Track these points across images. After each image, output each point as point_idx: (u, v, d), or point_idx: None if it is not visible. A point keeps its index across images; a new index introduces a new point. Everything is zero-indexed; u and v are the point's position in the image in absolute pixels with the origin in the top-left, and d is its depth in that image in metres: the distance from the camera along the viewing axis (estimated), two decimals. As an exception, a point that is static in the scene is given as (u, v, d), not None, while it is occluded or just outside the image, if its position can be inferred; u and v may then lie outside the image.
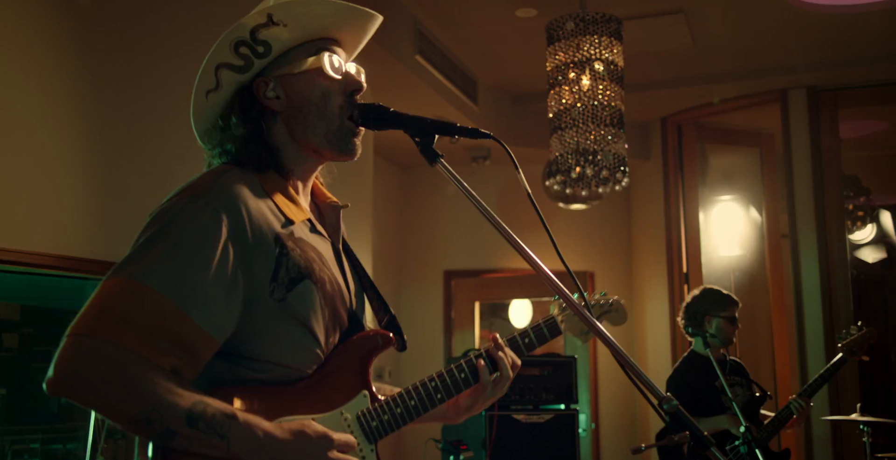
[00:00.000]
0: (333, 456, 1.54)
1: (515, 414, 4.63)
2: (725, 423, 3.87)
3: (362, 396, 1.69)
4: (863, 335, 4.15)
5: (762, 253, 7.64)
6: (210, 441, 1.44)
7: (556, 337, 2.01)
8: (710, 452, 1.30)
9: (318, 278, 1.65)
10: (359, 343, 1.72)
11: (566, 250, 6.35)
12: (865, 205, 8.35)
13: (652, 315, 7.46)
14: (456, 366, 1.82)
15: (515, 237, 1.57)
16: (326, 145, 1.73)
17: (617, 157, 4.23)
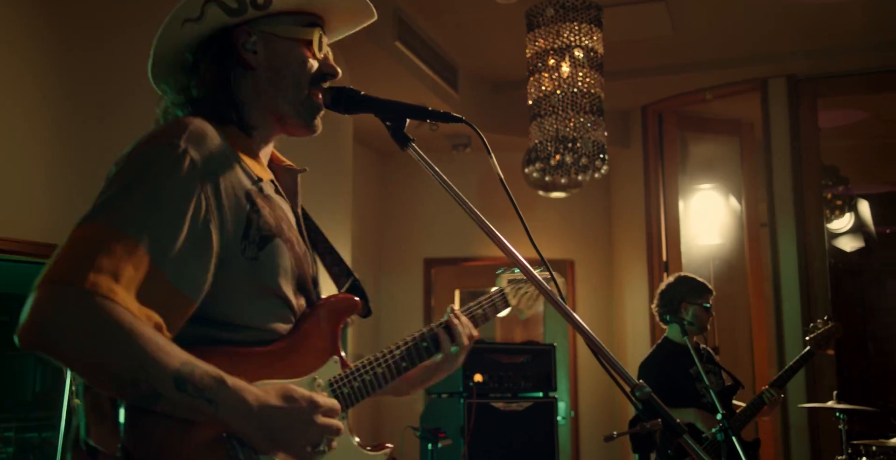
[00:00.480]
0: (321, 420, 1.48)
1: (494, 402, 4.62)
2: (692, 417, 3.87)
3: (333, 362, 1.65)
4: (828, 329, 4.17)
5: (741, 241, 7.67)
6: (198, 406, 1.36)
7: (504, 309, 2.05)
8: (683, 439, 1.28)
9: (287, 238, 1.61)
10: (328, 307, 1.69)
11: (546, 239, 6.46)
12: (844, 194, 8.39)
13: (631, 303, 7.48)
14: (419, 336, 1.82)
15: (489, 224, 1.55)
16: (293, 114, 1.69)
17: (596, 145, 4.21)
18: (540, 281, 1.52)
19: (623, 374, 1.37)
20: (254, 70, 1.67)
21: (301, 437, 1.46)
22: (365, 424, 6.72)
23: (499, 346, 4.81)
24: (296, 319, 1.63)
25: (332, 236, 5.97)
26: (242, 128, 1.66)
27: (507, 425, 4.62)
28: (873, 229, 8.77)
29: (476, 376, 4.54)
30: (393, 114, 1.61)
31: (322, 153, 5.45)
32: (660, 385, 4.00)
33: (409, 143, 1.58)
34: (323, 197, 5.49)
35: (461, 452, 4.39)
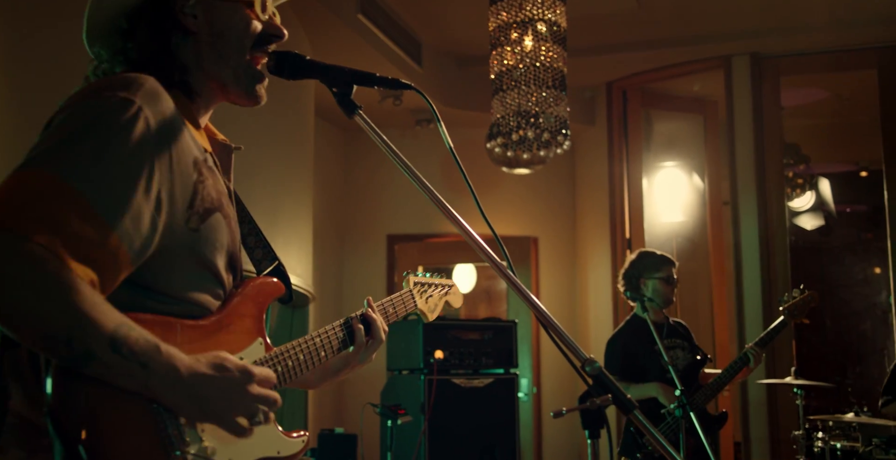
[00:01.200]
0: (255, 390, 1.43)
1: (455, 378, 4.61)
2: (654, 391, 3.89)
3: (258, 344, 1.61)
4: (804, 298, 4.19)
5: (704, 219, 7.71)
6: (131, 370, 1.29)
7: (413, 310, 2.08)
8: (633, 415, 1.26)
9: (227, 213, 1.56)
10: (256, 287, 1.64)
11: (510, 215, 6.42)
12: (805, 172, 8.47)
13: (594, 280, 7.50)
14: (338, 325, 1.80)
15: (442, 199, 1.51)
16: (233, 82, 1.62)
17: (559, 120, 4.18)
18: (493, 257, 1.47)
19: (573, 349, 1.35)
20: (194, 35, 1.59)
21: (234, 408, 1.41)
22: (327, 402, 6.70)
23: (460, 323, 4.78)
24: (224, 296, 1.58)
25: (292, 210, 5.91)
26: (187, 93, 1.59)
27: (468, 401, 4.62)
28: (833, 208, 8.86)
29: (437, 352, 4.53)
30: (339, 79, 1.56)
31: (282, 127, 5.37)
32: (625, 360, 4.03)
33: (356, 111, 1.53)
34: (282, 171, 5.42)
35: (421, 429, 4.37)
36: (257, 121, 5.07)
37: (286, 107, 5.41)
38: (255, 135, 5.02)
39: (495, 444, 4.56)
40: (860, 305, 8.92)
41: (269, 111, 5.51)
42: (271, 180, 5.18)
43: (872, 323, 8.83)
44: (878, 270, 8.76)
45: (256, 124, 5.07)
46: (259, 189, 4.96)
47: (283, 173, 5.44)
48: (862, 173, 8.86)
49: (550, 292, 7.69)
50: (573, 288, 7.78)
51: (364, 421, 5.22)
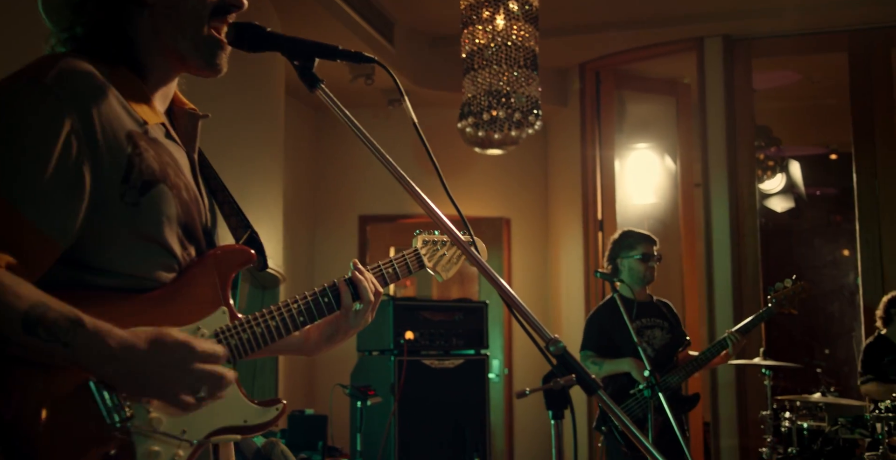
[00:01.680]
0: (198, 367, 1.39)
1: (425, 359, 4.60)
2: (627, 366, 3.90)
3: (221, 312, 1.57)
4: (795, 288, 4.17)
5: (675, 201, 7.74)
6: (51, 350, 1.28)
7: (419, 270, 1.96)
8: (597, 395, 1.25)
9: (174, 184, 1.51)
10: (220, 256, 1.60)
11: (482, 196, 6.40)
12: (776, 155, 8.51)
13: (566, 261, 7.51)
14: (319, 291, 1.73)
15: (405, 175, 1.48)
16: (193, 52, 1.57)
17: (530, 100, 4.15)
18: (458, 235, 1.45)
19: (538, 329, 1.33)
20: (150, 6, 1.55)
21: (174, 384, 1.38)
22: (298, 383, 6.67)
23: (430, 304, 4.77)
24: (180, 269, 1.55)
25: (262, 190, 5.84)
26: (135, 69, 1.55)
27: (438, 382, 4.61)
28: (803, 190, 8.93)
29: (407, 333, 4.51)
30: (301, 52, 1.52)
31: (251, 105, 5.30)
32: (601, 337, 4.04)
33: (318, 85, 1.49)
34: (252, 149, 5.36)
35: (391, 410, 4.36)
36: (226, 99, 5.00)
37: (256, 85, 5.35)
38: (223, 113, 4.96)
39: (466, 425, 4.56)
40: (829, 287, 9.02)
41: (239, 89, 5.45)
42: (240, 158, 5.12)
43: (840, 304, 8.94)
44: (847, 252, 8.85)
45: (225, 102, 5.00)
46: (227, 167, 4.88)
47: (253, 151, 5.38)
48: (832, 156, 8.93)
49: (522, 273, 7.69)
50: (545, 269, 7.80)
51: (335, 403, 5.21)
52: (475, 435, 4.54)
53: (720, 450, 6.68)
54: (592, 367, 4.01)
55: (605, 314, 4.14)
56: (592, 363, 4.01)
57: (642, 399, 3.85)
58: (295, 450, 5.16)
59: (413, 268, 1.95)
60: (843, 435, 5.05)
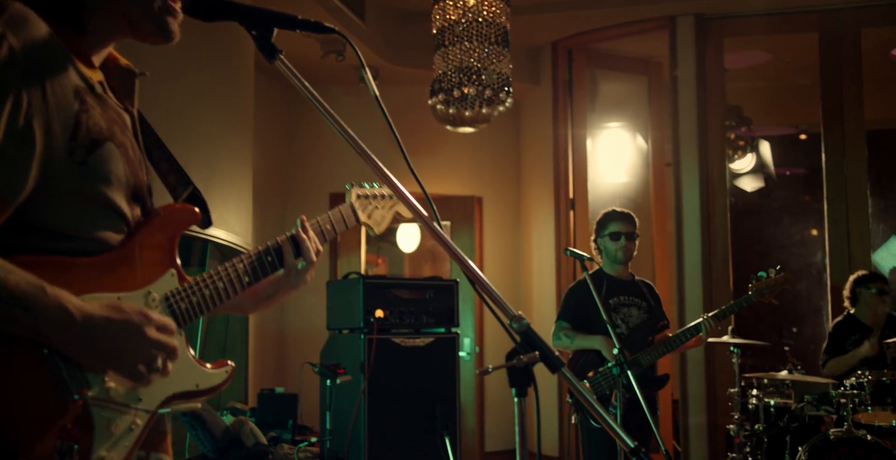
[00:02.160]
0: (154, 335, 1.37)
1: (395, 337, 4.58)
2: (597, 343, 3.91)
3: (170, 275, 1.54)
4: (777, 279, 4.18)
5: (646, 180, 7.76)
6: (13, 314, 1.25)
7: (354, 224, 1.94)
8: (560, 373, 1.24)
9: (121, 142, 1.47)
10: (165, 216, 1.56)
11: (454, 175, 6.34)
12: (746, 135, 8.55)
13: (538, 239, 7.52)
14: (263, 250, 1.71)
15: (368, 152, 1.45)
16: (147, 17, 1.51)
17: (501, 77, 4.12)
18: (418, 209, 1.42)
19: (501, 305, 1.31)
20: None
21: (131, 354, 1.36)
22: (268, 361, 6.65)
23: (401, 282, 4.74)
24: (129, 229, 1.51)
25: (230, 167, 5.76)
26: (77, 28, 1.49)
27: (409, 361, 4.60)
28: (773, 170, 8.98)
29: (377, 312, 4.49)
30: (259, 22, 1.49)
31: (220, 80, 5.23)
32: (576, 311, 4.05)
33: (277, 56, 1.46)
34: (221, 125, 5.30)
35: (361, 388, 4.35)
36: (194, 74, 4.92)
37: (224, 60, 5.27)
38: (191, 89, 4.89)
39: (436, 403, 4.56)
40: (797, 265, 9.10)
41: (207, 65, 5.35)
42: (208, 134, 5.06)
43: (808, 283, 9.02)
44: (815, 232, 8.93)
45: (193, 77, 4.93)
46: (195, 143, 4.84)
47: (221, 127, 5.31)
48: (801, 136, 8.98)
49: (494, 251, 7.69)
50: (517, 247, 7.80)
51: (305, 381, 5.20)
52: (445, 413, 4.54)
53: (689, 427, 6.75)
54: (564, 340, 4.02)
55: (585, 288, 4.13)
56: (565, 335, 4.03)
57: (610, 376, 3.87)
58: (265, 429, 5.14)
59: (349, 223, 1.92)
60: (808, 412, 5.11)
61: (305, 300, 6.73)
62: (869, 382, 4.91)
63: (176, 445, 5.01)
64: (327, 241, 1.86)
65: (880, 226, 8.73)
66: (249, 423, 4.87)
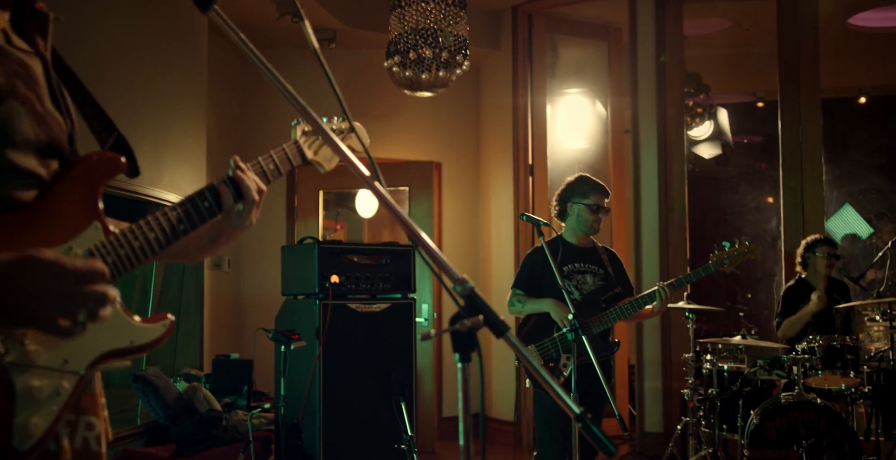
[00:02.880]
0: (72, 288, 1.27)
1: (351, 303, 4.54)
2: (547, 306, 3.91)
3: (94, 228, 1.45)
4: (741, 249, 4.16)
5: (605, 146, 7.76)
6: None
7: (301, 164, 1.82)
8: (505, 337, 1.21)
9: (25, 98, 1.40)
10: (86, 166, 1.48)
11: (413, 140, 6.24)
12: (704, 102, 8.57)
13: (497, 205, 7.50)
14: (198, 194, 1.60)
15: (311, 111, 1.39)
16: None
17: (458, 39, 4.06)
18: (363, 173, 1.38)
19: (445, 268, 1.28)
20: None
21: (48, 309, 1.26)
22: (225, 326, 6.58)
23: (357, 247, 4.68)
24: (45, 183, 1.44)
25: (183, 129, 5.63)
26: None
27: (365, 327, 4.57)
28: (731, 137, 9.03)
29: (332, 277, 4.45)
30: None
31: (172, 41, 5.11)
32: (530, 275, 4.04)
33: (211, 6, 1.39)
34: (172, 86, 5.18)
35: (316, 354, 4.32)
36: (143, 34, 4.80)
37: (175, 21, 5.15)
38: (139, 49, 4.76)
39: (392, 369, 4.55)
40: (752, 232, 9.20)
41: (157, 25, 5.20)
42: (159, 94, 4.95)
43: (762, 249, 9.13)
44: (771, 199, 9.03)
45: (144, 37, 4.80)
46: (143, 103, 4.73)
47: (172, 89, 5.20)
48: (759, 104, 9.03)
49: (453, 217, 7.67)
50: (476, 213, 7.78)
51: (261, 347, 5.15)
52: (401, 380, 4.53)
53: (644, 392, 6.83)
54: (517, 305, 4.02)
55: (539, 254, 4.11)
56: (518, 300, 4.02)
57: (561, 341, 3.87)
58: (219, 395, 5.10)
59: (295, 161, 1.81)
60: (761, 377, 5.19)
61: (262, 265, 6.67)
62: (819, 347, 4.99)
63: (127, 412, 4.97)
64: (271, 182, 1.76)
65: (834, 194, 8.85)
66: (203, 390, 4.82)
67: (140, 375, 4.58)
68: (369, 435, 4.48)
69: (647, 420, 6.80)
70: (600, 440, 1.20)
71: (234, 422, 4.71)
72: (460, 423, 1.22)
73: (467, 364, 1.21)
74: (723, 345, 5.69)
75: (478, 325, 1.20)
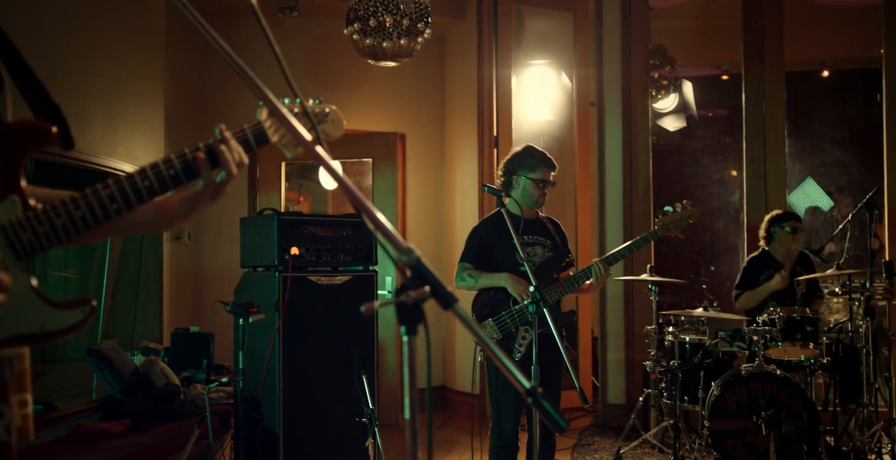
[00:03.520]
0: None
1: (311, 275, 4.48)
2: (503, 281, 3.86)
3: (10, 202, 1.38)
4: (684, 214, 4.14)
5: (570, 118, 7.72)
6: None
7: (263, 144, 1.72)
8: (453, 309, 1.17)
9: None
10: (8, 135, 1.40)
11: (377, 111, 6.12)
12: (670, 74, 8.54)
13: (461, 177, 7.45)
14: (164, 162, 1.51)
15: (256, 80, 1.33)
16: None
17: (419, 6, 3.98)
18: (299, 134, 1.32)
19: (391, 238, 1.23)
20: None
21: None
22: (185, 299, 6.49)
23: (317, 218, 4.59)
24: None
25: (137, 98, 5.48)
26: None
27: (326, 299, 4.51)
28: (695, 111, 9.03)
29: (292, 249, 4.37)
30: None
31: (129, 18, 4.99)
32: (480, 250, 3.98)
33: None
34: (126, 56, 5.05)
35: (276, 327, 4.26)
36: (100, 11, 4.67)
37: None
38: (91, 17, 4.63)
39: (353, 342, 4.50)
40: (715, 205, 9.25)
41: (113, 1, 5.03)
42: (110, 65, 4.82)
43: (725, 222, 9.19)
44: (735, 173, 9.06)
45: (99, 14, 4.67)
46: (95, 73, 4.60)
47: (126, 59, 5.07)
48: (723, 77, 9.03)
49: (418, 189, 7.60)
50: (440, 184, 7.72)
51: (223, 321, 5.07)
52: (363, 353, 4.48)
53: (607, 363, 6.86)
54: (469, 280, 3.95)
55: (488, 227, 4.06)
56: (469, 275, 3.95)
57: (518, 314, 3.84)
58: (178, 369, 5.03)
59: (254, 142, 1.71)
60: (722, 348, 5.22)
61: (223, 238, 6.57)
62: (780, 318, 5.02)
63: (81, 386, 4.88)
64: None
65: (796, 167, 8.90)
66: (160, 363, 4.75)
67: (94, 348, 4.49)
68: (330, 409, 4.44)
69: (610, 391, 6.84)
70: (550, 415, 1.16)
71: (192, 396, 4.64)
72: (406, 398, 1.17)
73: (413, 337, 1.17)
74: (685, 318, 5.72)
75: (424, 297, 1.16)
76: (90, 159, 4.39)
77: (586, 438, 6.19)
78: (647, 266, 5.74)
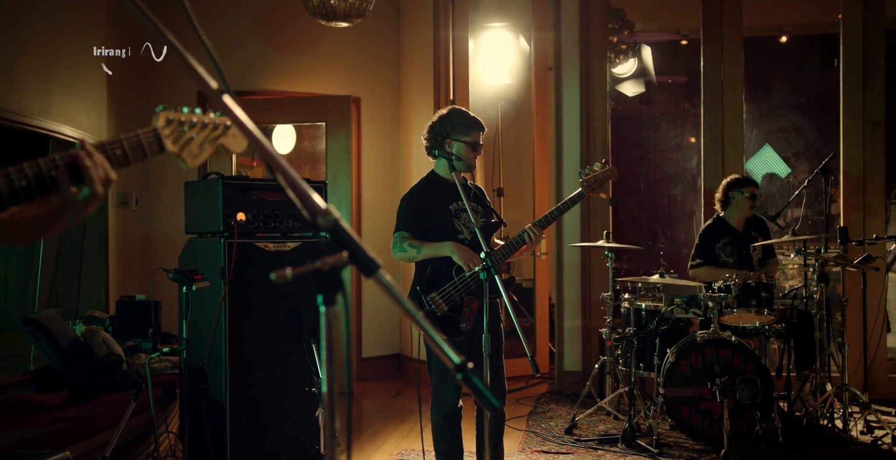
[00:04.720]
0: None
1: (259, 242, 4.33)
2: (448, 250, 3.74)
3: None
4: (604, 172, 4.05)
5: (528, 82, 7.60)
6: None
7: (157, 153, 1.57)
8: (376, 277, 1.06)
9: None
10: None
11: (331, 73, 5.92)
12: (629, 39, 8.42)
13: (418, 141, 7.24)
14: (15, 171, 1.35)
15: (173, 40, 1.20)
16: None
17: (367, -38, 3.81)
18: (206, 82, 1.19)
19: (305, 199, 1.12)
20: None
21: None
22: (132, 266, 6.31)
23: (264, 183, 4.42)
24: None
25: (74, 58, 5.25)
26: None
27: (274, 267, 4.35)
28: (654, 76, 8.93)
29: (239, 215, 4.22)
30: None
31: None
32: (418, 218, 3.82)
33: None
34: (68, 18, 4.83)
35: (222, 295, 4.12)
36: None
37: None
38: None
39: (303, 310, 4.38)
40: (672, 171, 9.21)
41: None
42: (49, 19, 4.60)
43: (683, 188, 9.16)
44: (693, 139, 9.02)
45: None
46: (32, 27, 4.39)
47: (61, 18, 4.85)
48: (683, 42, 8.94)
49: (373, 153, 7.45)
50: (396, 148, 7.57)
51: (169, 288, 4.92)
52: (312, 321, 4.36)
53: (564, 330, 6.82)
54: (410, 250, 3.78)
55: (423, 193, 3.90)
56: (410, 245, 3.77)
57: (462, 283, 3.73)
58: (122, 338, 4.88)
59: (149, 150, 1.56)
60: (677, 315, 5.19)
61: (171, 203, 6.38)
62: (735, 285, 4.99)
63: (19, 358, 4.72)
64: (118, 169, 1.51)
65: (754, 132, 8.88)
66: (102, 332, 4.60)
67: (30, 318, 4.32)
68: (280, 379, 4.33)
69: (566, 358, 6.81)
70: (481, 393, 1.07)
71: (136, 367, 4.51)
72: (322, 373, 1.07)
73: (332, 307, 1.06)
74: (641, 284, 5.68)
75: (342, 263, 1.05)
76: (22, 119, 4.19)
77: (542, 406, 6.16)
78: (603, 232, 5.67)
